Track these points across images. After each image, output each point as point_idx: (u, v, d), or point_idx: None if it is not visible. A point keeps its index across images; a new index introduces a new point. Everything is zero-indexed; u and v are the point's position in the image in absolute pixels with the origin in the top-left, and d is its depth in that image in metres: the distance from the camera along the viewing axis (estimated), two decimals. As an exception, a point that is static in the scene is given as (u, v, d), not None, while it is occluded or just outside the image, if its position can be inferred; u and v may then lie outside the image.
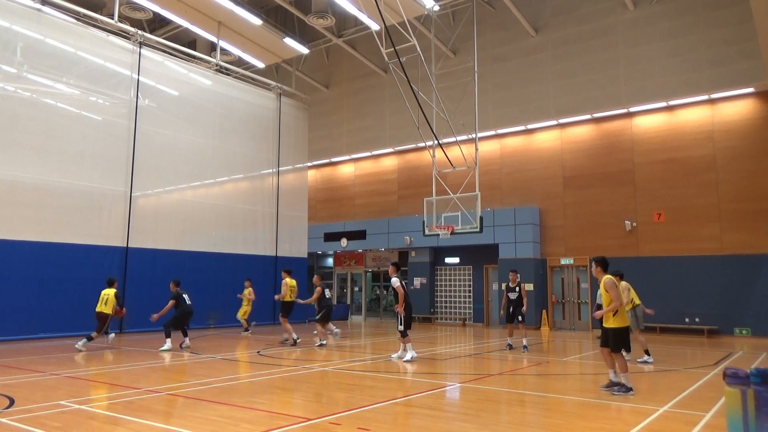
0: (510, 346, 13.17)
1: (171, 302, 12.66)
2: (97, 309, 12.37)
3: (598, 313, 7.87)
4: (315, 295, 13.66)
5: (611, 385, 7.65)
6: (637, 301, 11.33)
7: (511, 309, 13.26)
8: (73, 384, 8.04)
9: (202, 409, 6.57)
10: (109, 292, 12.50)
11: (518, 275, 13.69)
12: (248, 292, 16.78)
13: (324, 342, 13.46)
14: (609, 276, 7.79)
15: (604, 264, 7.94)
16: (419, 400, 7.19)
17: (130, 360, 10.93)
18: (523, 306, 13.10)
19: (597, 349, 13.73)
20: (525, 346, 13.05)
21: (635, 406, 6.83)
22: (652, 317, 17.62)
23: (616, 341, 7.60)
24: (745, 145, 17.27)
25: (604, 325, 7.76)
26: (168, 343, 12.24)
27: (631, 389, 7.41)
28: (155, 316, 12.69)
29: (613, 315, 7.60)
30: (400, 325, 10.98)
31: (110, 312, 12.37)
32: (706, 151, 17.86)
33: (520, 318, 13.10)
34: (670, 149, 18.39)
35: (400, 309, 10.94)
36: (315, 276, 14.49)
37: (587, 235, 19.69)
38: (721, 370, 8.79)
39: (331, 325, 14.90)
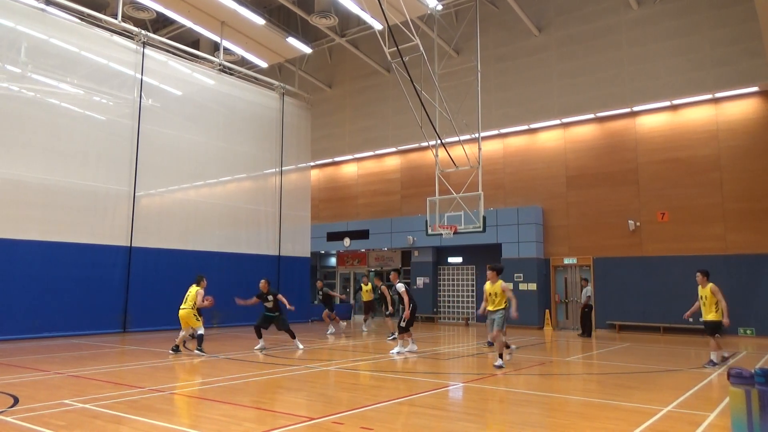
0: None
1: (254, 299, 13.15)
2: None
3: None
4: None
5: (708, 363, 10.26)
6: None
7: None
8: (77, 383, 8.06)
9: (206, 408, 6.58)
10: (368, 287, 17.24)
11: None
12: None
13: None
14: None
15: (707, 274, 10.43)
16: (422, 400, 7.19)
17: (133, 359, 10.96)
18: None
19: (600, 349, 13.76)
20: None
21: (639, 406, 6.81)
22: (655, 317, 17.70)
23: (712, 329, 10.25)
24: (749, 145, 17.21)
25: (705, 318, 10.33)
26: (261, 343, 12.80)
27: (712, 361, 10.19)
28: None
29: (715, 311, 10.08)
30: (402, 322, 11.85)
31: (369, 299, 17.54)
32: (710, 150, 17.80)
33: None
34: (674, 149, 18.34)
35: (407, 314, 11.80)
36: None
37: (590, 234, 19.65)
38: (726, 370, 8.77)
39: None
